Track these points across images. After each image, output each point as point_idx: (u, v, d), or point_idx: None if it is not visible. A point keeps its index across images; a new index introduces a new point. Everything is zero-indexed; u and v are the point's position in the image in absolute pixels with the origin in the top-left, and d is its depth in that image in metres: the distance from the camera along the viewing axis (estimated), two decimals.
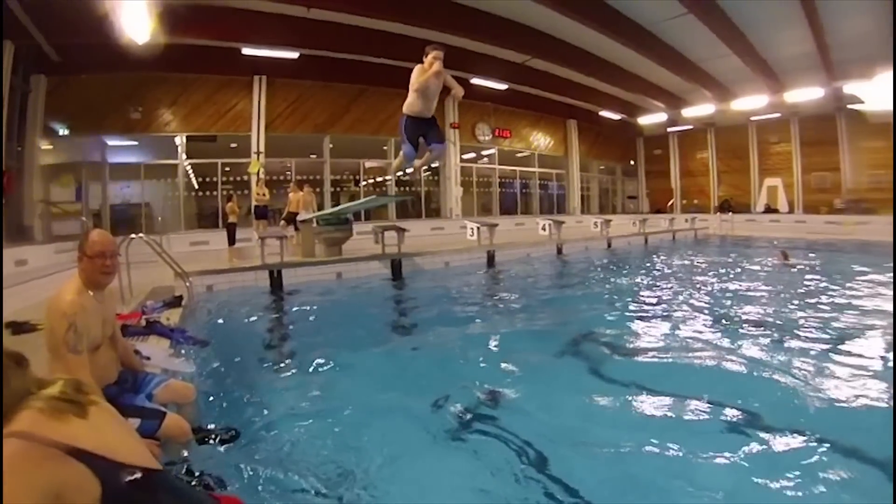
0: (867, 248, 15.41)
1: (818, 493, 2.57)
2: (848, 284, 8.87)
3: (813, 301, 7.60)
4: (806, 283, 9.48)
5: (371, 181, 21.72)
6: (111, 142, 16.07)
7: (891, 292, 5.92)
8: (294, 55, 16.04)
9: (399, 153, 6.42)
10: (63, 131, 14.82)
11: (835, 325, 5.96)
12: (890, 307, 5.06)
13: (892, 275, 6.51)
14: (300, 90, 18.16)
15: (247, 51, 15.32)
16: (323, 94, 18.66)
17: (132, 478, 1.49)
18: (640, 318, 6.82)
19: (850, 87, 20.61)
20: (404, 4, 13.63)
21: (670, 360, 4.88)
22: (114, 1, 9.74)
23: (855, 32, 16.28)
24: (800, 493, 2.58)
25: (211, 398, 3.81)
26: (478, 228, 13.91)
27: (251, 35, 14.57)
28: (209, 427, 3.31)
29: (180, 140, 16.53)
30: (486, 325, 6.27)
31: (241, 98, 17.14)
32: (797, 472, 2.73)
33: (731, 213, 26.14)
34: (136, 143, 16.64)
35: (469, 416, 3.58)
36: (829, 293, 8.19)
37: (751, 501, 2.61)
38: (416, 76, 5.90)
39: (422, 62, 5.99)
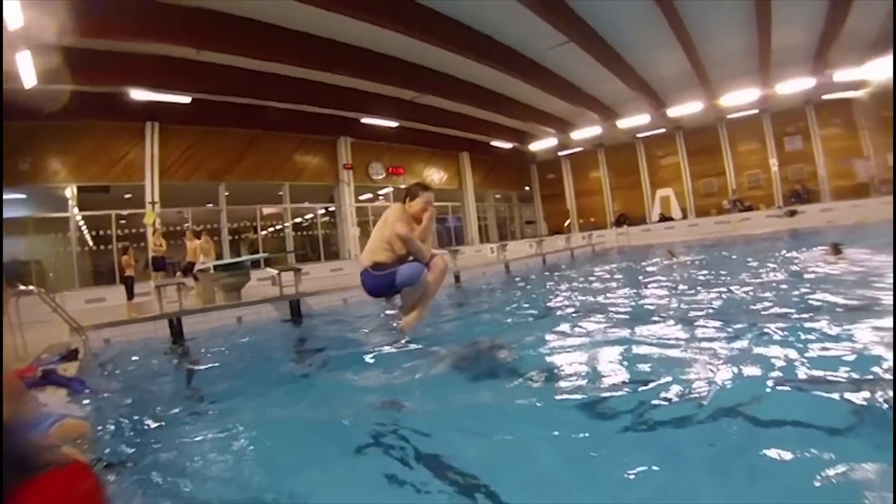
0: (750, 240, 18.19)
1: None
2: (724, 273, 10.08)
3: (699, 290, 8.47)
4: (692, 275, 10.62)
5: (270, 227, 21.88)
6: None
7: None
8: (186, 100, 15.93)
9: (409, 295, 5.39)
10: None
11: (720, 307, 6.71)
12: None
13: None
14: (194, 137, 18.20)
15: (136, 95, 14.99)
16: (217, 141, 18.77)
17: None
18: (537, 325, 7.15)
19: (728, 98, 23.21)
20: (293, 47, 14.00)
21: (573, 360, 4.83)
22: None
23: (725, 52, 18.60)
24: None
25: (107, 449, 3.71)
26: None
27: (139, 78, 14.36)
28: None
29: (71, 191, 16.14)
30: (380, 353, 6.53)
31: (134, 146, 17.03)
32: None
33: (626, 226, 28.06)
34: (23, 196, 16.08)
35: (376, 445, 3.67)
36: (713, 283, 9.19)
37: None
38: (402, 221, 5.08)
39: (403, 202, 5.30)
